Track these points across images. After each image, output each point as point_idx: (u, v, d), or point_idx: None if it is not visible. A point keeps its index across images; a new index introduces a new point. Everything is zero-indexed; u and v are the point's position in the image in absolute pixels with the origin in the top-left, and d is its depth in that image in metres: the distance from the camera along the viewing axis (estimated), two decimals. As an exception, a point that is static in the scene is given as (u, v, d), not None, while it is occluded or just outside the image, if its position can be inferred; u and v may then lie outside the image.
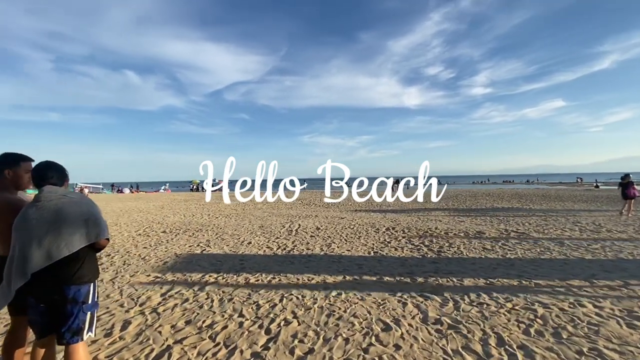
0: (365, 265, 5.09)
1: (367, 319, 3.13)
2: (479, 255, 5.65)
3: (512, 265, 4.95)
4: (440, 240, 6.93)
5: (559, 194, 22.24)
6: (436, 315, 3.19)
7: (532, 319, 3.08)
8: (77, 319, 1.91)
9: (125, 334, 2.89)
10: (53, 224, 1.82)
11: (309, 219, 11.08)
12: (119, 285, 4.24)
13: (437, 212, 12.80)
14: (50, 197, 1.87)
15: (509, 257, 5.44)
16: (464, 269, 4.83)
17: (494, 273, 4.57)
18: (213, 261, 5.41)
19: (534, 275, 4.46)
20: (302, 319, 3.13)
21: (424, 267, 4.92)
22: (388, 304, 3.50)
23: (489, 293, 3.77)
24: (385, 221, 10.15)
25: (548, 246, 6.24)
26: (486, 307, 3.38)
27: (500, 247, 6.25)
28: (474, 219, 10.48)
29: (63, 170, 2.03)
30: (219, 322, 3.10)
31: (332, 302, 3.54)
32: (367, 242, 6.86)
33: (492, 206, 14.86)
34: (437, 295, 3.72)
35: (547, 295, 3.71)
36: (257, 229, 8.94)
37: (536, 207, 13.83)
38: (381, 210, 13.72)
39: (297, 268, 4.95)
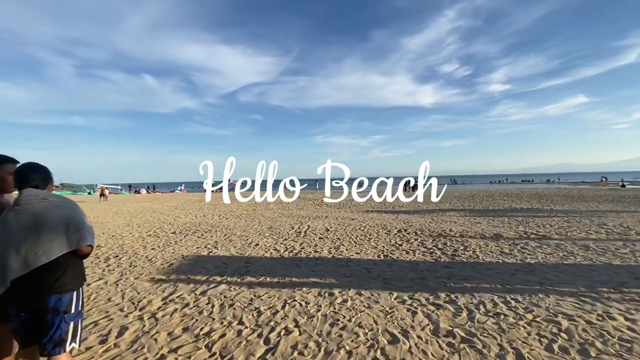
0: (374, 269, 4.87)
1: (372, 329, 2.93)
2: (496, 259, 5.34)
3: (533, 271, 4.63)
4: (455, 243, 6.63)
5: (582, 194, 21.27)
6: (448, 327, 2.96)
7: (556, 333, 2.80)
8: (59, 329, 1.80)
9: (120, 340, 2.80)
10: (32, 230, 1.72)
11: (319, 220, 10.91)
12: (122, 288, 4.18)
13: (451, 213, 12.39)
14: (30, 200, 1.77)
15: (528, 262, 5.11)
16: (480, 274, 4.54)
17: (513, 279, 4.27)
18: (218, 264, 5.31)
19: (557, 282, 4.14)
20: (303, 328, 2.96)
21: (437, 272, 4.67)
22: (396, 312, 3.28)
23: (506, 302, 3.50)
24: (397, 222, 9.86)
25: (572, 250, 5.85)
26: (504, 318, 3.11)
27: (519, 250, 5.90)
28: (491, 220, 10.05)
29: (46, 171, 1.93)
30: (217, 329, 2.97)
31: (337, 310, 3.35)
32: (378, 245, 6.63)
33: (510, 207, 14.30)
34: (450, 304, 3.47)
35: (571, 305, 3.40)
36: (266, 230, 8.84)
37: (558, 208, 13.20)
38: (393, 211, 13.40)
39: (303, 272, 4.79)
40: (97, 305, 3.58)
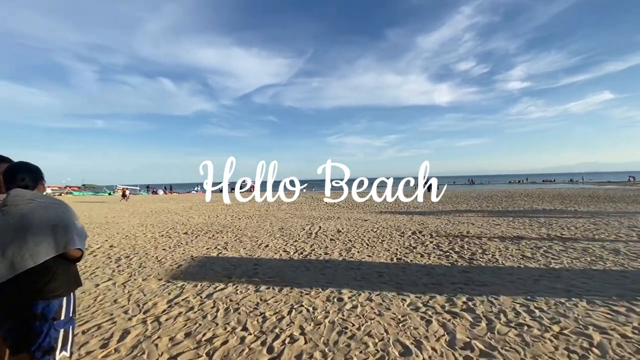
0: (387, 273, 4.66)
1: (383, 339, 2.74)
2: (517, 263, 5.03)
3: (558, 277, 4.31)
4: (473, 246, 6.32)
5: (608, 194, 20.20)
6: (466, 338, 2.73)
7: (587, 348, 2.54)
8: (48, 336, 1.71)
9: (121, 345, 2.72)
10: (18, 232, 1.63)
11: (330, 220, 10.73)
12: (130, 289, 4.14)
13: (469, 214, 11.96)
14: (17, 201, 1.69)
15: (553, 267, 4.77)
16: (500, 280, 4.26)
17: (536, 286, 3.97)
18: (227, 265, 5.23)
19: (586, 290, 3.82)
20: (309, 336, 2.80)
21: (453, 277, 4.41)
22: (409, 321, 3.08)
23: (530, 311, 3.23)
24: (412, 224, 9.57)
25: (600, 254, 5.45)
26: (527, 329, 2.86)
27: (543, 254, 5.55)
28: (511, 222, 9.61)
29: (37, 171, 1.85)
30: (219, 335, 2.85)
31: (346, 317, 3.17)
32: (391, 247, 6.40)
33: (531, 208, 13.70)
34: (468, 312, 3.24)
35: (603, 316, 3.11)
36: (277, 231, 8.74)
37: (583, 209, 12.53)
38: (407, 212, 13.07)
39: (311, 275, 4.63)
40: (103, 307, 3.54)
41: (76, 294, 1.90)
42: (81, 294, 3.91)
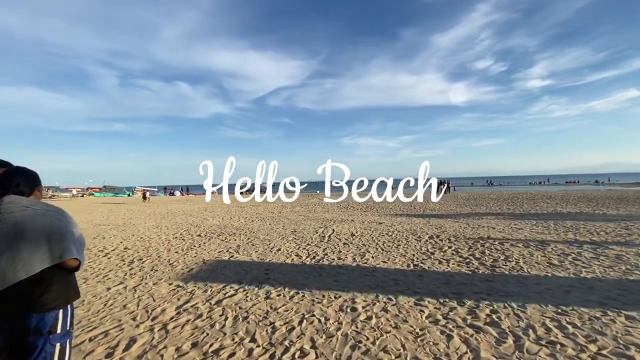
0: (403, 281, 4.44)
1: (400, 355, 2.54)
2: (544, 272, 4.70)
3: (591, 288, 3.98)
4: (494, 252, 5.99)
5: (638, 196, 19.10)
6: (491, 357, 2.50)
7: (632, 373, 2.27)
8: (43, 351, 1.61)
9: (126, 355, 2.64)
10: (11, 241, 1.54)
11: (344, 223, 10.54)
12: (140, 294, 4.09)
13: (488, 217, 11.50)
14: (11, 208, 1.60)
15: (584, 277, 4.43)
16: (526, 290, 3.97)
17: (567, 298, 3.67)
18: (238, 270, 5.13)
19: (623, 303, 3.49)
20: (320, 350, 2.64)
21: (475, 287, 4.15)
22: (428, 335, 2.86)
23: (562, 327, 2.95)
24: (429, 227, 9.26)
25: (636, 263, 5.04)
26: (560, 348, 2.60)
27: (571, 262, 5.19)
28: (535, 225, 9.14)
29: (33, 176, 1.77)
30: (227, 347, 2.72)
31: (360, 329, 2.99)
32: (407, 253, 6.15)
33: (554, 210, 13.06)
34: (492, 327, 2.99)
35: (647, 334, 2.80)
36: (290, 233, 8.62)
37: (612, 212, 11.83)
38: (424, 215, 12.71)
39: (324, 281, 4.46)
40: (112, 313, 3.48)
41: (86, 299, 1.81)
42: (92, 298, 3.88)
